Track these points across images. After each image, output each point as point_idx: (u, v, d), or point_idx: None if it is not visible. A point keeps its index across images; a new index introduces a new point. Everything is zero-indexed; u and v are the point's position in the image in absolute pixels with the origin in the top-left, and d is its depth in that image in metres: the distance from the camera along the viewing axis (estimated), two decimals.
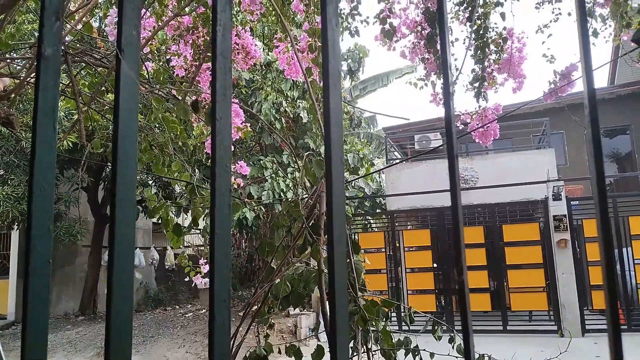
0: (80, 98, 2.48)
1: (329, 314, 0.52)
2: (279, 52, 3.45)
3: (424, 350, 2.09)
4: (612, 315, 0.50)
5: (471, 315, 0.51)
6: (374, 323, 2.02)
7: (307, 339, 8.00)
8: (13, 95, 2.62)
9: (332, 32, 0.50)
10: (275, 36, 3.72)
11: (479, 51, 3.87)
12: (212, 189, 0.47)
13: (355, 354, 1.99)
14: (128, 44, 0.48)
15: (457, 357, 2.09)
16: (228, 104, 0.49)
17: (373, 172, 12.87)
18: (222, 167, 0.47)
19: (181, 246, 3.59)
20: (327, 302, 1.99)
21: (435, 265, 10.14)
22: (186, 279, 4.21)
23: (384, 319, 2.09)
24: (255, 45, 3.51)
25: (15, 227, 10.56)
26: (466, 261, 0.57)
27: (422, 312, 2.76)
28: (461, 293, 0.51)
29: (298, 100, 10.35)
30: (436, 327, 2.24)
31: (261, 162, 10.04)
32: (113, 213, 0.45)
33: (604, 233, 0.51)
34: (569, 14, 4.40)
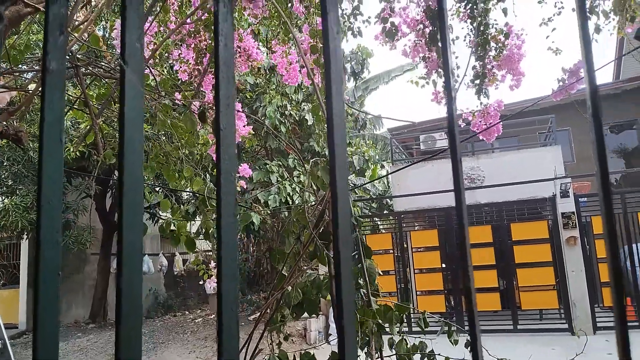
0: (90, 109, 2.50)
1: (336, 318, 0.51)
2: (277, 57, 3.46)
3: (439, 354, 2.07)
4: (619, 312, 0.50)
5: (478, 317, 0.51)
6: (388, 328, 2.01)
7: (318, 344, 7.99)
8: (24, 108, 2.64)
9: (333, 40, 0.50)
10: (272, 41, 3.72)
11: (480, 48, 3.86)
12: (218, 198, 0.47)
13: (369, 359, 1.98)
14: (132, 54, 0.48)
15: None
16: (232, 113, 0.49)
17: (380, 177, 12.85)
18: (228, 176, 0.48)
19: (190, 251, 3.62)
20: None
21: (443, 265, 10.09)
22: (200, 282, 4.24)
23: (399, 324, 2.08)
24: (259, 48, 3.52)
25: (25, 236, 10.63)
26: (475, 261, 0.56)
27: (432, 313, 2.74)
28: (468, 297, 0.51)
29: (303, 103, 10.34)
30: (452, 330, 2.22)
31: (267, 166, 10.04)
32: (120, 220, 0.45)
33: (609, 232, 0.51)
34: (573, 10, 4.36)
